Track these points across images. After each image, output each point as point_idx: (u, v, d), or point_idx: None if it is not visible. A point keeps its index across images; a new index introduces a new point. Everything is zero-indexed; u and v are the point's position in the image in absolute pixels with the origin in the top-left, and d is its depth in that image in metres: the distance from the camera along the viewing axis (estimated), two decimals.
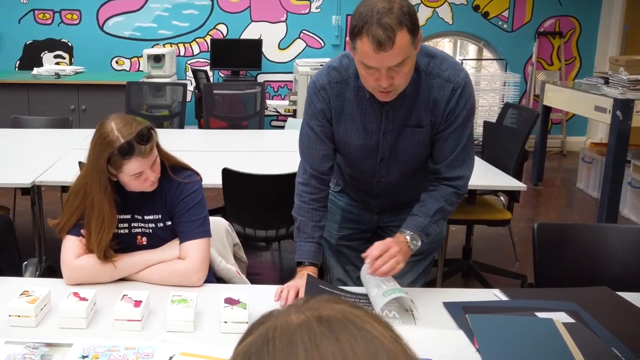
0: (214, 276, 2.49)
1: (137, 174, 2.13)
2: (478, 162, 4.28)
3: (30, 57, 8.13)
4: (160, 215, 2.29)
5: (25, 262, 2.64)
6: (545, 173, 7.11)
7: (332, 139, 2.26)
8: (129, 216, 2.28)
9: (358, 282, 2.47)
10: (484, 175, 3.93)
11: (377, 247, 2.07)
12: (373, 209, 2.50)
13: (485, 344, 1.83)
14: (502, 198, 4.59)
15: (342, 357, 0.71)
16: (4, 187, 4.25)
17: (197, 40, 8.25)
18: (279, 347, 0.73)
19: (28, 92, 6.65)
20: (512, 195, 4.24)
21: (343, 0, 8.17)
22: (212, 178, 3.45)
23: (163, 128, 5.63)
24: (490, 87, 8.56)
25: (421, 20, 8.20)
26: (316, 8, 8.19)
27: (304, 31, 8.25)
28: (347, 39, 1.97)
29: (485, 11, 8.37)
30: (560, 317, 1.98)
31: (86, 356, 1.77)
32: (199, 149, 4.58)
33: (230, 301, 1.97)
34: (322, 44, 8.26)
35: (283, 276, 4.23)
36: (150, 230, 2.29)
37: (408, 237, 2.12)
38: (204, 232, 2.28)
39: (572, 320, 1.97)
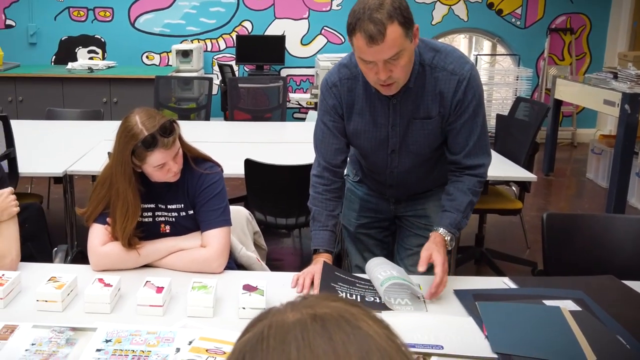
0: (234, 263, 2.47)
1: (160, 165, 2.11)
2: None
3: (66, 52, 8.14)
4: (182, 205, 2.26)
5: (55, 249, 2.64)
6: (556, 164, 7.05)
7: (344, 134, 2.24)
8: (153, 205, 2.26)
9: None
10: (496, 166, 3.87)
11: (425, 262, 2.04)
12: (390, 198, 2.46)
13: (493, 331, 1.80)
14: (513, 188, 4.52)
15: (334, 356, 0.68)
16: (38, 176, 4.27)
17: (223, 36, 8.22)
18: (272, 345, 0.70)
19: (62, 86, 6.66)
20: (523, 185, 4.20)
21: None
22: (235, 168, 3.45)
23: (190, 120, 5.62)
24: (504, 82, 8.51)
25: (437, 18, 8.16)
26: (337, 5, 8.13)
27: (325, 28, 8.19)
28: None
29: (499, 8, 8.29)
30: (567, 305, 1.94)
31: (109, 340, 1.75)
32: (223, 140, 4.57)
33: (248, 288, 1.94)
34: (343, 40, 8.18)
35: (303, 261, 4.20)
36: (174, 219, 2.27)
37: (448, 238, 2.10)
38: (224, 221, 2.25)
39: (579, 308, 1.92)
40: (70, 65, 7.10)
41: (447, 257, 2.04)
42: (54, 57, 8.16)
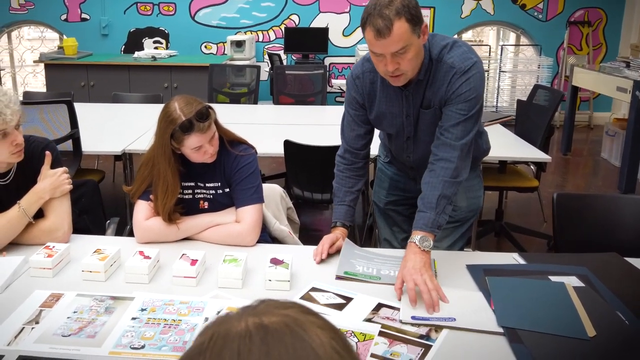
0: (269, 236, 2.38)
1: (197, 148, 2.02)
2: (509, 135, 4.07)
3: (133, 42, 8.11)
4: (219, 183, 2.17)
5: (108, 221, 2.57)
6: (574, 144, 6.90)
7: (365, 122, 2.16)
8: (193, 184, 2.17)
9: (403, 243, 2.37)
10: (515, 147, 3.78)
11: (400, 284, 1.77)
12: (416, 178, 2.33)
13: (500, 305, 1.68)
14: (532, 167, 4.34)
15: None
16: (101, 154, 4.23)
17: (273, 28, 8.12)
18: (208, 358, 0.60)
19: (129, 73, 6.62)
20: (540, 165, 4.04)
21: None
22: (278, 147, 3.35)
23: (240, 104, 5.53)
24: (527, 69, 8.34)
25: (466, 12, 7.95)
26: None
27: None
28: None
29: (523, 3, 8.08)
30: (571, 281, 1.81)
31: (145, 309, 1.66)
32: (268, 122, 4.46)
33: (275, 261, 1.84)
34: None
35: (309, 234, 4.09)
36: (211, 196, 2.18)
37: (417, 242, 1.83)
38: (257, 198, 2.15)
39: (582, 285, 1.80)
40: (136, 54, 7.06)
41: (425, 264, 1.78)
42: (123, 46, 8.13)
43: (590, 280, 1.83)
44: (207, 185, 2.17)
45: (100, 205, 2.58)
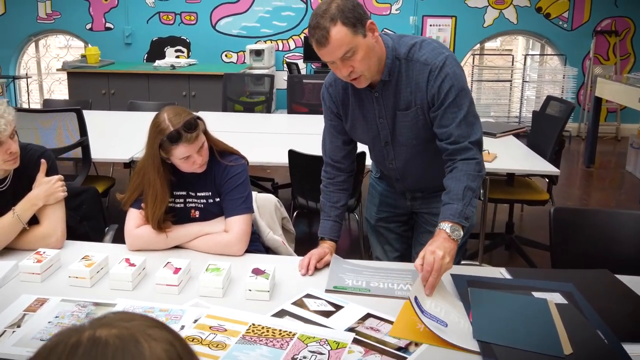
0: (262, 245, 2.41)
1: (185, 158, 2.07)
2: (521, 147, 4.03)
3: (156, 51, 8.27)
4: (210, 193, 2.22)
5: (107, 228, 2.64)
6: (599, 156, 6.85)
7: (342, 132, 2.16)
8: (184, 193, 2.22)
9: (395, 261, 2.36)
10: (524, 159, 3.75)
11: (421, 261, 1.75)
12: (406, 194, 2.33)
13: (478, 318, 1.68)
14: (546, 180, 4.32)
15: None
16: (110, 161, 4.31)
17: (293, 37, 8.20)
18: None
19: (148, 81, 6.76)
20: (551, 178, 3.99)
21: (420, 3, 7.95)
22: (285, 157, 3.42)
23: (254, 112, 5.59)
24: (552, 79, 8.25)
25: (488, 21, 7.92)
26: (396, 10, 7.99)
27: (384, 30, 7.99)
28: None
29: (547, 12, 7.99)
30: (555, 298, 1.80)
31: None
32: (282, 132, 4.52)
33: (256, 271, 1.87)
34: None
35: (339, 243, 4.11)
36: (202, 206, 2.23)
37: (448, 230, 1.82)
38: (246, 208, 2.19)
39: (565, 302, 1.78)
40: (156, 63, 7.20)
41: (451, 251, 1.78)
42: (146, 55, 8.30)
43: (574, 297, 1.81)
44: (199, 194, 2.22)
45: (100, 213, 2.66)
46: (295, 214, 3.74)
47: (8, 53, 8.55)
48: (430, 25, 8.07)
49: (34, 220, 2.17)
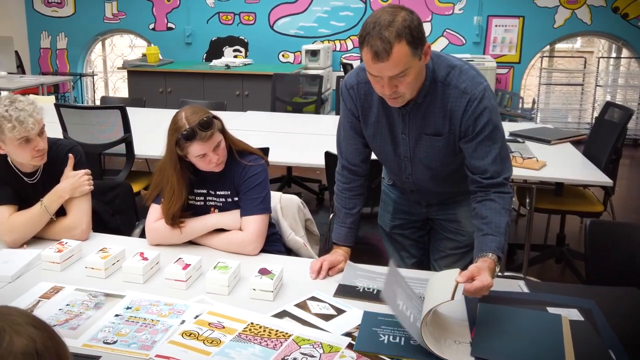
0: (283, 246, 2.46)
1: (201, 156, 2.14)
2: (576, 155, 3.89)
3: (215, 51, 8.47)
4: (229, 192, 2.28)
5: (137, 222, 2.75)
6: None
7: (361, 134, 2.11)
8: (205, 191, 2.30)
9: (411, 268, 2.35)
10: (575, 169, 3.59)
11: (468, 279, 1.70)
12: (421, 201, 2.30)
13: (481, 334, 1.66)
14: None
15: None
16: (150, 157, 4.42)
17: (351, 37, 8.21)
18: None
19: (203, 80, 6.94)
20: (606, 189, 3.81)
21: (485, 2, 7.81)
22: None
23: (302, 113, 5.65)
24: (628, 84, 7.96)
25: (559, 21, 7.67)
26: (459, 9, 7.88)
27: (447, 30, 7.96)
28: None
29: (625, 12, 7.65)
30: (571, 314, 1.75)
31: (130, 307, 1.80)
32: (325, 133, 4.56)
33: (263, 271, 1.93)
34: (464, 42, 7.92)
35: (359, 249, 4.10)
36: (221, 204, 2.30)
37: (497, 261, 1.78)
38: (263, 209, 2.24)
39: (581, 319, 1.74)
40: (213, 62, 7.38)
41: (490, 283, 1.72)
42: (205, 54, 8.52)
43: (593, 314, 1.76)
44: (218, 193, 2.29)
45: (132, 207, 2.77)
46: (331, 216, 3.77)
47: (77, 51, 8.99)
48: (496, 26, 7.91)
49: (62, 212, 2.30)
